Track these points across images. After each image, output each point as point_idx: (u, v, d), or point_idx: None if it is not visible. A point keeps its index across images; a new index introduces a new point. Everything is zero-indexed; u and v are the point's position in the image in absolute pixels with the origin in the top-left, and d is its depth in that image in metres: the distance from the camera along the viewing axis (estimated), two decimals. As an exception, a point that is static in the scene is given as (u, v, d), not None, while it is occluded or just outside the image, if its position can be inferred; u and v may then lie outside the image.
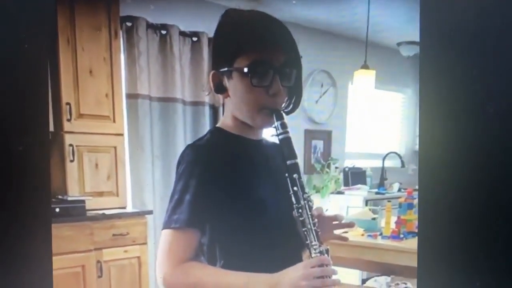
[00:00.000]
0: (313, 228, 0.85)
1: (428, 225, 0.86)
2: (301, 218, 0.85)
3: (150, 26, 2.52)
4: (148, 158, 2.56)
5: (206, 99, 2.75)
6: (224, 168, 0.87)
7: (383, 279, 3.10)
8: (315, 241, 0.85)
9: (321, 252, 0.85)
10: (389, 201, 2.32)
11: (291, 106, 0.92)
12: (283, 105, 0.90)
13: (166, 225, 0.86)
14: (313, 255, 0.85)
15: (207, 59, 2.69)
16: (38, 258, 0.82)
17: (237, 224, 0.86)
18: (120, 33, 2.37)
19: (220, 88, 0.90)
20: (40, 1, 0.83)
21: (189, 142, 1.30)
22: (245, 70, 0.84)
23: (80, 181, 2.21)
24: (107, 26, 2.28)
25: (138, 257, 2.29)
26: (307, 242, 0.85)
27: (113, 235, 2.20)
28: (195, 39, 2.69)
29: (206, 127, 2.71)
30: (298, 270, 0.82)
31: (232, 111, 0.91)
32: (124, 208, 2.36)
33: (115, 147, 2.33)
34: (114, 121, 2.32)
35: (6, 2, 0.82)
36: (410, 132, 4.28)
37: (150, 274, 2.32)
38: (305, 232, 0.85)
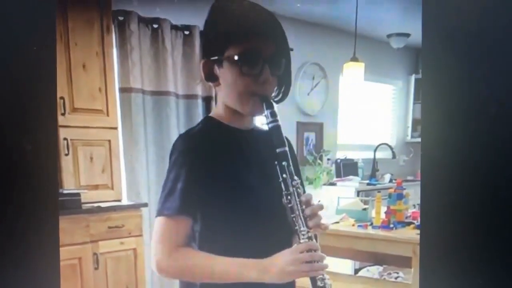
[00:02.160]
0: (301, 214, 0.86)
1: (429, 220, 0.85)
2: (289, 205, 0.87)
3: (141, 20, 2.51)
4: (142, 151, 2.56)
5: (199, 92, 2.76)
6: (215, 156, 0.88)
7: (375, 269, 3.14)
8: (303, 227, 0.86)
9: (309, 238, 0.86)
10: (379, 192, 2.35)
11: (280, 95, 0.94)
12: (273, 94, 0.91)
13: (159, 213, 0.87)
14: (301, 240, 0.85)
15: (199, 52, 2.69)
16: (46, 250, 0.84)
17: (228, 211, 0.88)
18: (112, 27, 2.36)
19: (211, 77, 0.91)
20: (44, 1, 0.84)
21: (182, 135, 1.32)
22: (236, 58, 0.85)
23: (75, 174, 2.21)
24: (99, 20, 2.27)
25: (134, 249, 2.30)
26: (295, 228, 0.86)
27: (109, 227, 2.20)
28: (187, 32, 2.68)
29: (199, 119, 2.70)
30: (286, 255, 0.84)
31: (223, 99, 0.92)
32: (120, 201, 2.36)
33: (109, 141, 2.32)
34: (107, 115, 2.32)
35: (13, 3, 0.83)
36: (401, 123, 4.32)
37: (146, 265, 2.33)
38: (294, 218, 0.86)
